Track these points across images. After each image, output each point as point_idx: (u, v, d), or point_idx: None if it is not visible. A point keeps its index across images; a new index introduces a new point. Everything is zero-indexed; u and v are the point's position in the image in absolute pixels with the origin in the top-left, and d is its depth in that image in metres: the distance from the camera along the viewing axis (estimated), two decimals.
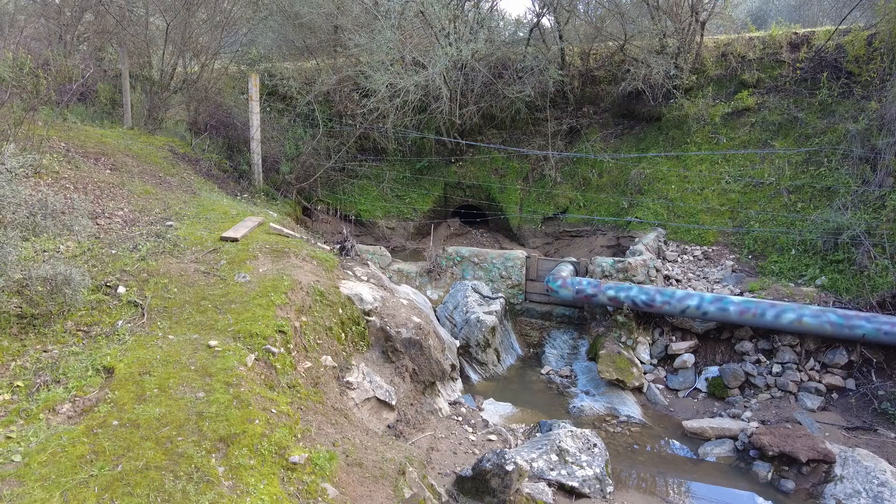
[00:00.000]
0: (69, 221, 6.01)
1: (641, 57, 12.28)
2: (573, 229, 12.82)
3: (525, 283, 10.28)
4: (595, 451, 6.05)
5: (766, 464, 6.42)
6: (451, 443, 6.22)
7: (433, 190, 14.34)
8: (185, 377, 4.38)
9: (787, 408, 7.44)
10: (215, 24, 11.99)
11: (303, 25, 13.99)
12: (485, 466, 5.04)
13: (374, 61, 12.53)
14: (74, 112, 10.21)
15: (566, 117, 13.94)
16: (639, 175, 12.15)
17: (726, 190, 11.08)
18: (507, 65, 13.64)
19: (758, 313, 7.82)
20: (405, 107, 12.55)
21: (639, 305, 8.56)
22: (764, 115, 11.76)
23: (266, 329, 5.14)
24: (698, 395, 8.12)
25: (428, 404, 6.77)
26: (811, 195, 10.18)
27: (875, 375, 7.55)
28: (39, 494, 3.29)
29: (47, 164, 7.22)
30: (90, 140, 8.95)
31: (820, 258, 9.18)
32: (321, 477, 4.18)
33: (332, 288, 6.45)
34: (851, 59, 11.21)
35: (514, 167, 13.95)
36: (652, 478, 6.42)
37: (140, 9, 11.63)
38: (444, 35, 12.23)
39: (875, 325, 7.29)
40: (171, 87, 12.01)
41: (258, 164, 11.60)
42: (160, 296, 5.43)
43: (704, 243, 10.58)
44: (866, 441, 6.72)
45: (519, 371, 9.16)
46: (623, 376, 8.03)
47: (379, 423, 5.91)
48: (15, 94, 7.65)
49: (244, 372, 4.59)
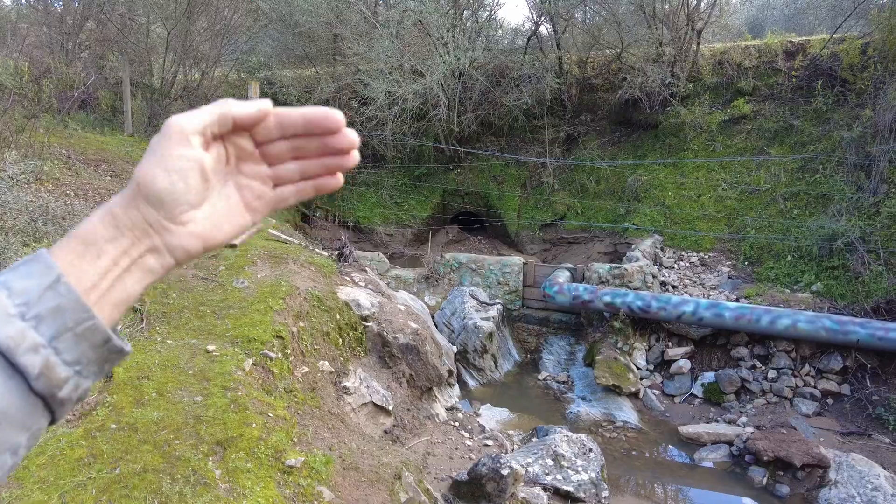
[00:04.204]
0: (70, 227, 6.06)
1: (638, 65, 12.38)
2: (571, 236, 12.88)
3: (522, 289, 10.33)
4: (591, 456, 6.08)
5: (761, 469, 6.45)
6: (447, 448, 6.25)
7: (432, 197, 14.40)
8: (184, 381, 4.42)
9: (783, 413, 7.48)
10: (216, 32, 12.09)
11: (302, 34, 14.10)
12: (480, 471, 5.07)
13: (373, 69, 12.63)
14: (75, 119, 10.29)
15: (564, 125, 14.03)
16: (636, 182, 12.23)
17: (723, 197, 11.15)
18: (504, 73, 13.74)
19: (753, 319, 7.86)
20: (404, 114, 12.64)
21: (635, 311, 8.60)
22: (760, 122, 11.85)
23: (264, 334, 5.18)
24: (694, 401, 8.16)
25: (425, 409, 6.80)
26: (807, 202, 10.25)
27: (869, 381, 7.59)
28: (38, 497, 3.33)
29: (48, 170, 7.29)
30: (91, 147, 9.02)
31: (815, 264, 9.24)
32: (317, 480, 4.21)
33: (329, 294, 6.50)
34: (846, 67, 11.31)
35: (512, 174, 14.02)
36: (648, 483, 6.45)
37: (141, 17, 11.74)
38: (442, 43, 12.34)
39: (869, 331, 7.33)
40: (172, 95, 12.10)
41: None
42: (159, 301, 5.48)
43: (701, 250, 10.64)
44: (860, 446, 6.75)
45: (516, 377, 9.20)
46: (619, 382, 8.07)
47: (375, 428, 5.95)
48: (17, 101, 7.73)
49: (242, 376, 4.63)
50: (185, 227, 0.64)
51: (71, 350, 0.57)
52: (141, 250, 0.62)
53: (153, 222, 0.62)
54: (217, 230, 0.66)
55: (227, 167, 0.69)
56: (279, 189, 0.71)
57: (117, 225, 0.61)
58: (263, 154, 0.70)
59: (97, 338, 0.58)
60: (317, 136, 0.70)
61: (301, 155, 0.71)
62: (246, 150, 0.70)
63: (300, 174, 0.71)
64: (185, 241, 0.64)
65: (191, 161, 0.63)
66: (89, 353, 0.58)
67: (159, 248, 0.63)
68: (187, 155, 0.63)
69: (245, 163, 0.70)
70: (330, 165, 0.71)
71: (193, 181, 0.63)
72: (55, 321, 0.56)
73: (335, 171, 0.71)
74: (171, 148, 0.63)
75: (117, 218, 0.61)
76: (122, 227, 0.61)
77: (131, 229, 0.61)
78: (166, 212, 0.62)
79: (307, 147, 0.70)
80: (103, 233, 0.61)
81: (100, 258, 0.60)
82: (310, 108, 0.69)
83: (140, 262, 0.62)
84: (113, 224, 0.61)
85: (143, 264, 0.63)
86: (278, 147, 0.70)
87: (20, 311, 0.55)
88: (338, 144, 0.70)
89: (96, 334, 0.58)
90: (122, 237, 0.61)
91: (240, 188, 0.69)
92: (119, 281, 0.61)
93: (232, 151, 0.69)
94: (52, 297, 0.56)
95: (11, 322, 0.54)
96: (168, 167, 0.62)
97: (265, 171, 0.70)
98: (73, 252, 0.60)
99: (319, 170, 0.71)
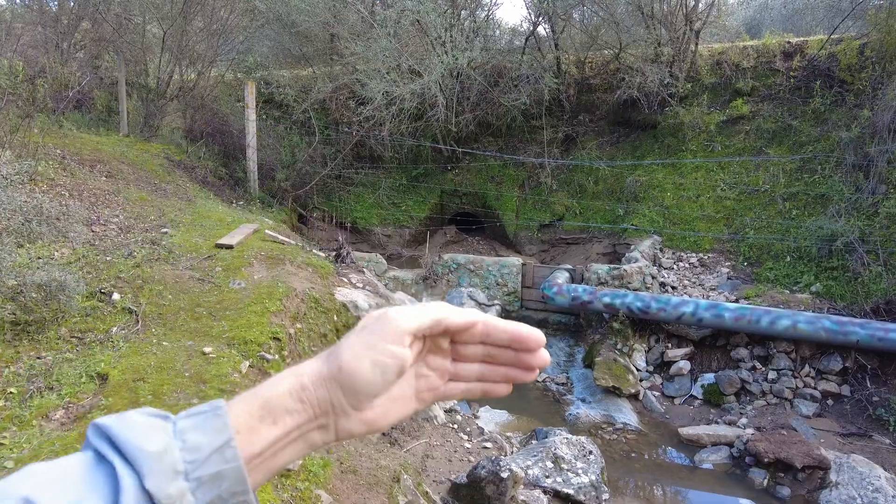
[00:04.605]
0: (64, 228, 6.01)
1: (636, 65, 12.36)
2: (569, 237, 12.85)
3: (521, 290, 10.29)
4: (591, 459, 6.04)
5: (761, 471, 6.42)
6: (446, 450, 6.20)
7: (429, 197, 14.36)
8: (180, 383, 4.37)
9: (783, 414, 7.45)
10: (212, 32, 12.03)
11: (299, 34, 14.04)
12: (480, 473, 5.03)
13: (371, 69, 12.57)
14: (70, 119, 10.21)
15: (562, 125, 14.00)
16: (634, 183, 12.20)
17: (722, 197, 11.13)
18: (503, 73, 13.70)
19: (753, 320, 7.84)
20: (401, 114, 12.59)
21: (634, 312, 8.57)
22: (758, 122, 11.84)
23: (261, 336, 5.13)
24: (694, 402, 8.12)
25: (423, 412, 6.75)
26: (805, 202, 10.23)
27: (869, 382, 7.57)
28: None
29: (43, 171, 7.22)
30: (86, 147, 8.95)
31: (815, 265, 9.21)
32: (315, 483, 4.16)
33: (327, 295, 6.45)
34: (844, 67, 11.30)
35: (510, 175, 13.98)
36: (648, 485, 6.41)
37: (137, 17, 11.67)
38: (440, 43, 12.30)
39: (869, 332, 7.31)
40: (168, 95, 12.03)
41: (254, 172, 11.60)
42: (155, 302, 5.42)
43: (700, 250, 10.61)
44: (861, 447, 6.73)
45: None
46: (619, 383, 8.03)
47: None
48: (11, 101, 7.66)
49: (238, 379, 4.58)
50: (360, 413, 0.65)
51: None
52: (314, 426, 0.63)
53: (337, 405, 0.64)
54: (384, 417, 0.67)
55: (418, 357, 0.70)
56: (451, 384, 0.73)
57: (303, 399, 0.62)
58: (455, 351, 0.72)
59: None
60: (514, 350, 0.71)
61: (490, 360, 0.72)
62: (441, 346, 0.71)
63: (478, 376, 0.72)
64: (353, 426, 0.65)
65: (398, 359, 0.64)
66: None
67: (329, 427, 0.64)
68: (397, 353, 0.64)
69: (434, 355, 0.71)
70: (511, 376, 0.72)
71: (391, 377, 0.65)
72: (212, 488, 0.56)
73: (511, 382, 0.73)
74: (384, 341, 0.63)
75: (306, 392, 0.62)
76: (307, 402, 0.62)
77: (314, 406, 0.63)
78: (355, 399, 0.64)
79: (500, 356, 0.71)
80: (288, 403, 0.62)
81: (275, 426, 0.61)
82: (517, 326, 0.70)
83: (307, 436, 0.64)
84: (299, 397, 0.62)
85: (309, 438, 0.64)
86: (473, 350, 0.72)
87: (186, 468, 0.55)
88: (530, 362, 0.71)
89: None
90: (303, 412, 0.62)
91: (418, 377, 0.70)
92: (283, 450, 0.62)
93: (428, 346, 0.70)
94: (217, 461, 0.56)
95: (176, 480, 0.54)
96: (375, 360, 0.63)
97: (448, 366, 0.72)
98: (252, 415, 0.60)
99: (498, 377, 0.72)
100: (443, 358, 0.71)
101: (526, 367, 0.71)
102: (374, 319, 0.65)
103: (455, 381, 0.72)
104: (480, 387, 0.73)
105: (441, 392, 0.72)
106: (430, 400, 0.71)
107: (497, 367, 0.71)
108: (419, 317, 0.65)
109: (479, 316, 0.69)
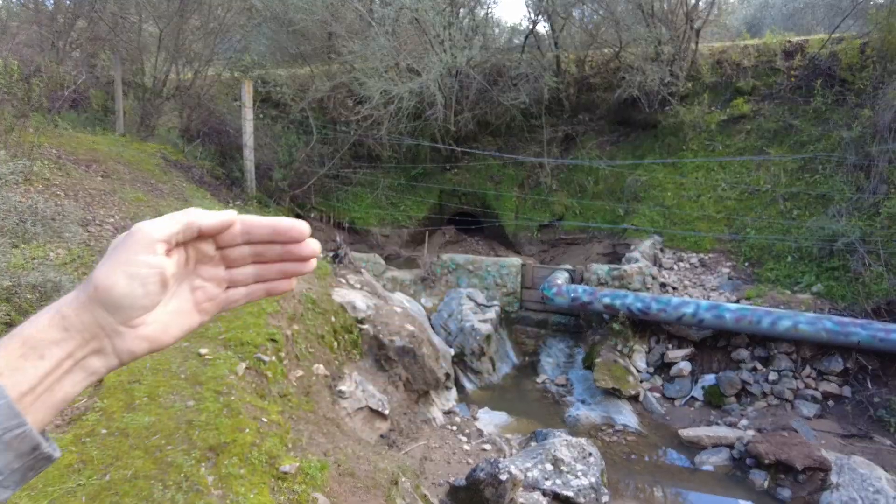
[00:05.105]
0: (59, 228, 5.95)
1: (637, 64, 12.30)
2: (569, 237, 12.79)
3: (520, 290, 10.24)
4: (590, 461, 5.99)
5: (762, 472, 6.38)
6: (444, 452, 6.15)
7: (428, 197, 14.30)
8: (175, 386, 4.32)
9: (784, 415, 7.40)
10: (209, 30, 11.96)
11: (297, 32, 13.97)
12: (478, 476, 4.98)
13: (369, 68, 12.51)
14: (66, 119, 10.14)
15: (562, 124, 13.94)
16: (635, 182, 12.15)
17: (722, 197, 11.08)
18: (502, 72, 13.65)
19: (754, 321, 7.79)
20: (400, 114, 12.53)
21: (635, 313, 8.52)
22: (759, 122, 11.79)
23: (257, 337, 5.08)
24: (695, 404, 8.08)
25: (422, 413, 6.70)
26: (807, 202, 10.19)
27: (870, 383, 7.53)
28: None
29: (38, 170, 7.16)
30: (82, 147, 8.89)
31: (816, 265, 9.17)
32: (312, 486, 4.11)
33: (324, 296, 6.39)
34: (845, 66, 11.26)
35: (509, 174, 13.92)
36: (648, 487, 6.37)
37: (133, 16, 11.60)
38: (438, 42, 12.23)
39: (870, 332, 7.27)
40: (164, 94, 11.97)
41: (251, 171, 11.55)
42: None
43: (701, 251, 10.57)
44: (862, 448, 6.68)
45: (514, 380, 9.10)
46: (619, 385, 7.98)
47: (371, 433, 5.84)
48: (6, 100, 7.60)
49: (235, 381, 4.53)
50: (135, 330, 0.63)
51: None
52: (86, 352, 0.61)
53: (105, 326, 0.62)
54: (165, 333, 0.66)
55: (185, 269, 0.69)
56: (231, 291, 0.73)
57: (66, 327, 0.60)
58: (223, 257, 0.72)
59: (25, 446, 0.56)
60: (280, 243, 0.71)
61: (260, 259, 0.72)
62: (207, 253, 0.70)
63: (255, 278, 0.73)
64: (132, 345, 0.63)
65: (153, 268, 0.63)
66: (14, 462, 0.56)
67: (105, 350, 0.62)
68: (151, 262, 0.63)
69: (203, 265, 0.70)
70: (287, 271, 0.73)
71: (153, 288, 0.63)
72: None
73: (291, 276, 0.73)
74: (135, 253, 0.62)
75: (67, 320, 0.60)
76: (71, 329, 0.60)
77: (81, 332, 0.60)
78: (121, 316, 0.62)
79: (268, 253, 0.72)
80: (51, 335, 0.59)
81: (42, 360, 0.58)
82: (277, 219, 0.71)
83: (83, 364, 0.61)
84: (62, 326, 0.60)
85: (87, 366, 0.62)
86: (240, 251, 0.71)
87: None
88: (300, 253, 0.71)
89: (25, 442, 0.56)
90: (69, 340, 0.60)
91: (193, 290, 0.70)
92: (59, 383, 0.60)
93: (192, 255, 0.69)
94: None
95: None
96: (130, 273, 0.62)
97: (221, 273, 0.72)
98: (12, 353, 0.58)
99: (275, 274, 0.73)
100: (214, 266, 0.71)
101: (297, 258, 0.71)
102: (125, 235, 0.63)
103: (234, 287, 0.72)
104: (262, 287, 0.73)
105: (222, 299, 0.72)
106: (213, 310, 0.71)
107: (271, 265, 0.72)
108: (168, 224, 0.64)
109: (232, 214, 0.69)
